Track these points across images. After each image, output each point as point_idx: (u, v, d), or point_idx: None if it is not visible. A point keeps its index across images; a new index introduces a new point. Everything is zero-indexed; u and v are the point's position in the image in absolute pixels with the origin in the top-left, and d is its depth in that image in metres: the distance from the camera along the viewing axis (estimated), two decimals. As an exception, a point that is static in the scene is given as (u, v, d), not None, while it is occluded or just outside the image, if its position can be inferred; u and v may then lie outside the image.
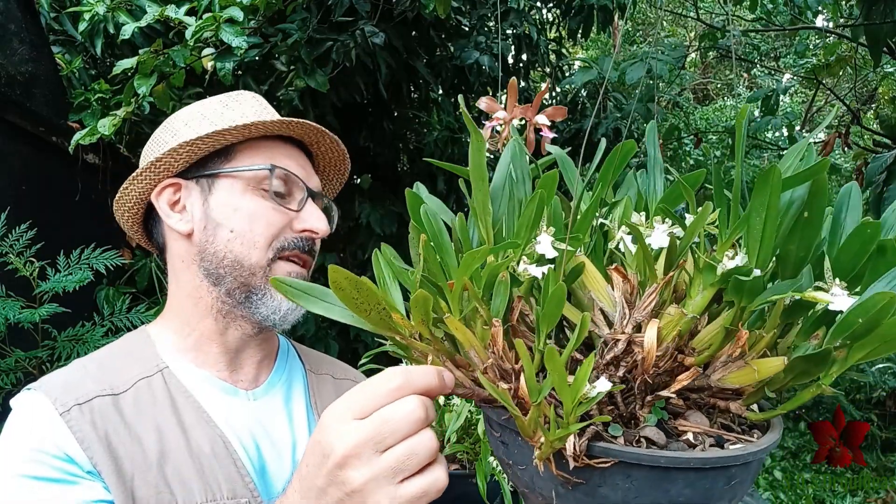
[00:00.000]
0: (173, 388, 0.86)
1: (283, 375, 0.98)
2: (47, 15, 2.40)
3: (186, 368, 0.89)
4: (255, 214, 0.88)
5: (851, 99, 5.91)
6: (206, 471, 0.81)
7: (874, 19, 2.58)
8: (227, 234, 0.87)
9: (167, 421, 0.82)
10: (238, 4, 2.03)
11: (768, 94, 4.18)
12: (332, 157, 1.03)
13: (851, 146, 4.39)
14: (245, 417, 0.89)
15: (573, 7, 3.66)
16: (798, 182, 0.49)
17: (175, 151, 0.86)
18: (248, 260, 0.87)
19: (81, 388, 0.81)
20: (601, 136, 3.94)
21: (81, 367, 0.86)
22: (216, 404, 0.87)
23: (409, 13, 2.92)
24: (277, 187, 0.89)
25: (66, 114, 2.28)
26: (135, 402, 0.82)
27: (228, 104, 0.94)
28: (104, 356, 0.89)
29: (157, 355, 0.89)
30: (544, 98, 0.75)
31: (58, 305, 1.81)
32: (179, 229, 0.89)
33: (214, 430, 0.84)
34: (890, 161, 2.47)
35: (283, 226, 0.89)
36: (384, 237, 3.44)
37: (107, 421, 0.79)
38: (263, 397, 0.93)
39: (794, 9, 4.38)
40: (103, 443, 0.77)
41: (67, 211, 2.25)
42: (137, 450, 0.79)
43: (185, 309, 0.90)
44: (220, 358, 0.91)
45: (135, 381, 0.84)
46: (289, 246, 0.89)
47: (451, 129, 3.70)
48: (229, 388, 0.90)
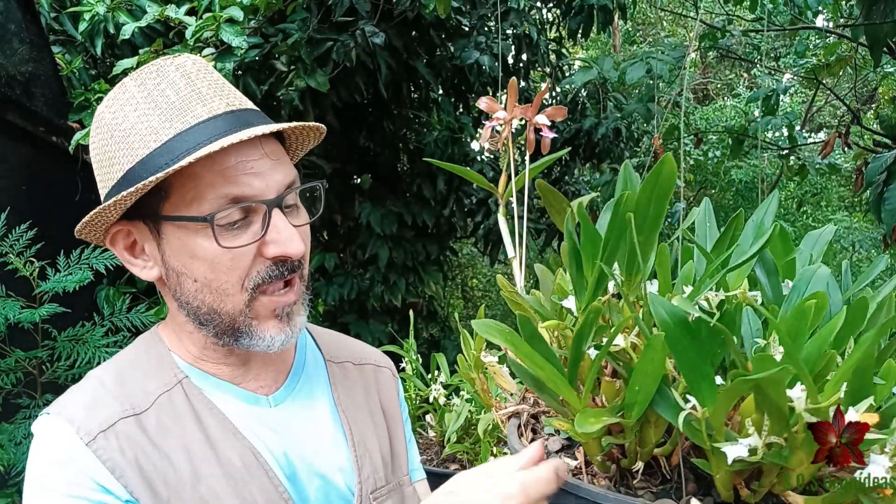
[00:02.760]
0: (195, 400, 0.82)
1: (301, 372, 0.93)
2: (47, 15, 2.40)
3: (204, 378, 0.84)
4: (214, 261, 0.76)
5: (851, 99, 5.91)
6: (241, 486, 0.78)
7: (874, 19, 2.58)
8: (193, 285, 0.78)
9: (194, 438, 0.79)
10: (238, 4, 2.03)
11: (768, 94, 4.18)
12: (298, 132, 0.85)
13: (851, 146, 4.39)
14: (269, 424, 0.85)
15: (573, 7, 3.66)
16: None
17: (105, 209, 0.75)
18: (224, 308, 0.78)
19: (103, 412, 0.77)
20: (601, 136, 3.95)
21: (99, 383, 0.81)
22: (240, 414, 0.83)
23: (409, 13, 2.92)
24: (231, 216, 0.75)
25: (66, 114, 2.28)
26: (158, 421, 0.79)
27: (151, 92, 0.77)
28: (121, 367, 0.84)
29: (175, 364, 0.84)
30: (544, 98, 0.74)
31: (58, 305, 1.81)
32: (145, 278, 0.81)
33: (242, 441, 0.81)
34: (890, 161, 2.47)
35: (251, 260, 0.77)
36: (384, 237, 3.44)
37: (134, 445, 0.76)
38: (285, 400, 0.88)
39: (794, 9, 4.38)
40: (135, 469, 0.74)
41: (67, 211, 2.25)
42: (170, 471, 0.76)
43: (184, 333, 0.85)
44: (233, 370, 0.86)
45: (156, 397, 0.80)
46: (265, 280, 0.77)
47: (451, 129, 3.70)
48: (249, 396, 0.85)
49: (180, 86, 0.78)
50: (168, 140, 0.74)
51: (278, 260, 0.77)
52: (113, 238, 0.80)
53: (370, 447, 0.91)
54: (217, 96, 0.79)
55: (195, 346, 0.84)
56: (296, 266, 0.80)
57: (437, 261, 3.84)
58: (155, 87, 0.78)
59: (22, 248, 1.83)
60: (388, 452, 0.94)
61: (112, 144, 0.78)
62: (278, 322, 0.80)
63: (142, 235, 0.79)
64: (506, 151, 0.75)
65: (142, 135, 0.76)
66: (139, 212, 0.77)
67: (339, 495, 0.86)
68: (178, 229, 0.76)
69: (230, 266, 0.76)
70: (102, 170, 0.80)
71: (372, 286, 3.45)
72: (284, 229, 0.77)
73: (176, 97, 0.77)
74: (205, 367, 0.85)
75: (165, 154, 0.74)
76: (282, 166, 0.79)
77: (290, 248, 0.76)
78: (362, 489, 0.87)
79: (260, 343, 0.80)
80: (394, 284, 3.48)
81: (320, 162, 3.29)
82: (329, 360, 0.97)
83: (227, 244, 0.75)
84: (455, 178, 3.62)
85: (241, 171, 0.75)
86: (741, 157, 6.00)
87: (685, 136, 5.82)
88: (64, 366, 1.84)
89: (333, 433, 0.89)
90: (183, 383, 0.82)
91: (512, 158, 0.74)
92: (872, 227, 6.59)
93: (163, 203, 0.76)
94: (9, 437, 1.70)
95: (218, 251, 0.75)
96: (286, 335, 0.80)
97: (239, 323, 0.79)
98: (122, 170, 0.77)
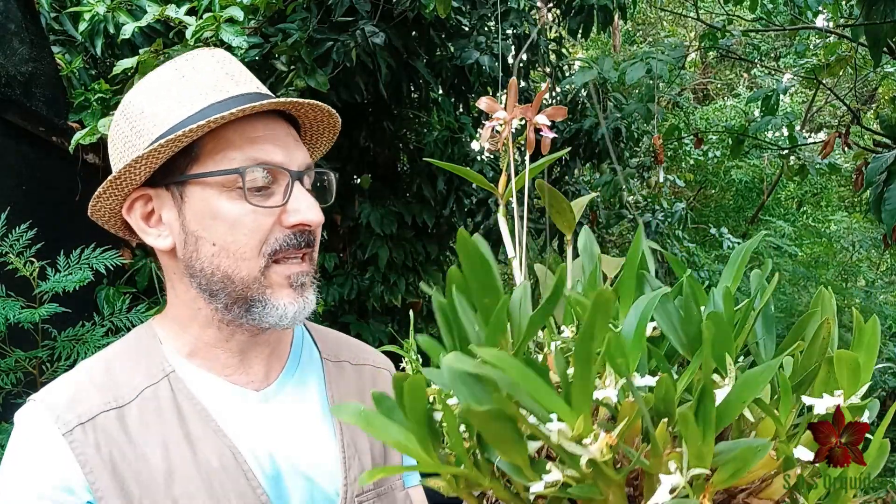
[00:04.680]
0: (180, 395, 0.81)
1: (295, 369, 0.91)
2: (47, 15, 2.40)
3: (193, 372, 0.83)
4: (236, 222, 0.78)
5: (851, 99, 5.91)
6: (216, 487, 0.77)
7: (874, 19, 2.58)
8: (211, 249, 0.78)
9: (173, 434, 0.78)
10: (238, 4, 2.03)
11: (768, 94, 4.18)
12: (317, 119, 0.89)
13: (851, 146, 4.39)
14: (256, 422, 0.84)
15: (573, 7, 3.66)
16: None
17: (131, 167, 0.77)
18: (239, 274, 0.78)
19: (85, 403, 0.77)
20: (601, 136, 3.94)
21: (87, 371, 0.82)
22: (225, 410, 0.82)
23: (409, 13, 2.92)
24: (256, 181, 0.78)
25: (66, 114, 2.28)
26: (140, 415, 0.78)
27: (185, 74, 0.82)
28: (111, 357, 0.84)
29: (164, 358, 0.83)
30: (544, 98, 0.75)
31: (58, 305, 1.81)
32: (159, 247, 0.82)
33: (223, 440, 0.80)
34: (890, 161, 2.47)
35: (270, 225, 0.79)
36: (384, 237, 3.44)
37: (111, 441, 0.76)
38: (276, 397, 0.87)
39: (794, 9, 4.38)
40: (107, 467, 0.74)
41: (67, 211, 2.25)
42: (144, 469, 0.76)
43: (185, 318, 0.84)
44: (227, 362, 0.85)
45: (140, 391, 0.80)
46: (282, 247, 0.79)
47: (451, 129, 3.70)
48: (238, 391, 0.84)
49: (215, 68, 0.83)
50: (203, 108, 0.79)
51: (297, 229, 0.80)
52: (132, 205, 0.82)
53: (361, 449, 0.89)
54: (249, 81, 0.84)
55: (197, 327, 0.83)
56: (311, 240, 0.82)
57: (437, 261, 3.84)
58: (190, 69, 0.83)
59: (22, 248, 1.83)
60: (381, 455, 0.91)
61: (140, 121, 0.81)
62: (292, 291, 0.80)
63: (161, 202, 0.81)
64: (506, 151, 0.75)
65: (177, 103, 0.80)
66: (164, 178, 0.80)
67: (325, 497, 0.84)
68: (203, 190, 0.78)
69: (251, 228, 0.78)
70: (126, 146, 0.82)
71: (372, 286, 3.45)
72: (305, 199, 0.80)
73: (211, 77, 0.82)
74: (197, 361, 0.84)
75: (200, 118, 0.77)
76: (302, 149, 0.84)
77: (309, 215, 0.79)
78: (348, 492, 0.85)
79: (273, 313, 0.79)
80: (394, 284, 3.48)
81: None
82: (326, 359, 0.96)
83: (253, 201, 0.78)
84: (455, 178, 3.62)
85: (268, 140, 0.80)
86: (741, 157, 6.00)
87: (685, 136, 5.83)
88: (64, 366, 1.84)
89: (323, 433, 0.88)
90: (170, 377, 0.82)
91: (512, 158, 0.74)
92: (872, 227, 6.59)
93: (192, 164, 0.78)
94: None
95: (241, 211, 0.78)
96: (298, 306, 0.81)
97: (252, 291, 0.79)
98: (151, 137, 0.79)
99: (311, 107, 0.84)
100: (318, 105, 0.84)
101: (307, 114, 0.87)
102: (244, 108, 0.76)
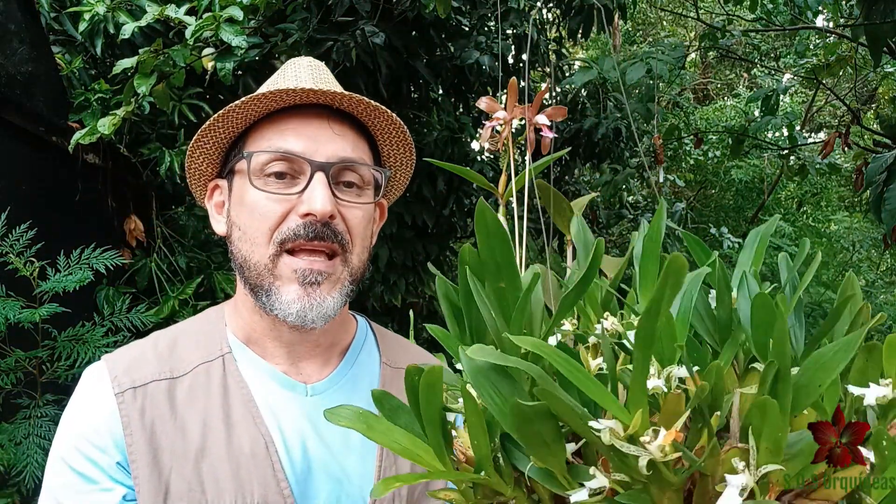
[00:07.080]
0: (230, 377, 0.83)
1: (349, 370, 0.90)
2: (47, 15, 2.40)
3: (249, 357, 0.85)
4: (253, 207, 0.80)
5: (851, 99, 5.91)
6: (242, 472, 0.78)
7: (874, 19, 2.58)
8: (238, 234, 0.83)
9: (214, 414, 0.80)
10: (238, 4, 2.03)
11: (768, 94, 4.18)
12: (380, 123, 0.88)
13: (851, 146, 4.39)
14: (297, 414, 0.83)
15: (573, 7, 3.66)
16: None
17: (193, 152, 0.86)
18: (253, 258, 0.80)
19: (143, 369, 0.82)
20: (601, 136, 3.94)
21: (154, 340, 0.86)
22: (270, 399, 0.83)
23: (409, 13, 2.92)
24: (276, 168, 0.80)
25: (66, 114, 2.28)
26: (189, 389, 0.81)
27: (285, 71, 0.88)
28: (181, 330, 0.89)
29: (225, 338, 0.86)
30: (544, 98, 0.75)
31: (58, 305, 1.81)
32: (217, 231, 0.89)
33: (260, 427, 0.80)
34: (890, 161, 2.47)
35: (282, 214, 0.79)
36: (384, 237, 3.44)
37: (155, 410, 0.79)
38: (323, 392, 0.86)
39: (794, 9, 4.38)
40: (146, 433, 0.78)
41: (67, 211, 2.25)
42: (179, 442, 0.78)
43: (239, 303, 0.88)
44: (277, 352, 0.86)
45: (195, 366, 0.83)
46: (290, 236, 0.78)
47: (451, 129, 3.70)
48: (288, 382, 0.85)
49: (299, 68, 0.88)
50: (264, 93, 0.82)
51: (307, 220, 0.79)
52: (211, 192, 0.91)
53: (401, 462, 0.86)
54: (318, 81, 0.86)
55: (247, 313, 0.87)
56: (327, 234, 0.79)
57: (437, 261, 3.84)
58: (288, 64, 0.90)
59: (22, 248, 1.83)
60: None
61: None
62: (299, 287, 0.80)
63: (223, 192, 0.88)
64: (506, 151, 0.75)
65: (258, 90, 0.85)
66: (223, 168, 0.88)
67: (352, 502, 0.83)
68: (239, 178, 0.83)
69: (263, 213, 0.80)
70: None
71: (372, 286, 3.45)
72: (320, 192, 0.78)
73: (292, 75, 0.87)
74: (253, 347, 0.87)
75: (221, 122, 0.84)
76: (343, 142, 0.83)
77: (315, 205, 0.78)
78: (376, 501, 0.83)
79: (277, 305, 0.80)
80: (394, 284, 3.48)
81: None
82: (385, 363, 0.94)
83: (258, 184, 0.80)
84: (455, 178, 3.62)
85: (295, 132, 0.81)
86: (741, 157, 6.00)
87: (685, 136, 5.82)
88: (64, 366, 1.84)
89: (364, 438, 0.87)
90: (225, 358, 0.85)
91: (512, 158, 0.74)
92: (872, 227, 6.59)
93: (235, 156, 0.85)
94: (9, 437, 1.70)
95: (257, 197, 0.80)
96: (303, 305, 0.79)
97: (263, 278, 0.81)
98: None
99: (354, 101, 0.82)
100: (360, 99, 0.82)
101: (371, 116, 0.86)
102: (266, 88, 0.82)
